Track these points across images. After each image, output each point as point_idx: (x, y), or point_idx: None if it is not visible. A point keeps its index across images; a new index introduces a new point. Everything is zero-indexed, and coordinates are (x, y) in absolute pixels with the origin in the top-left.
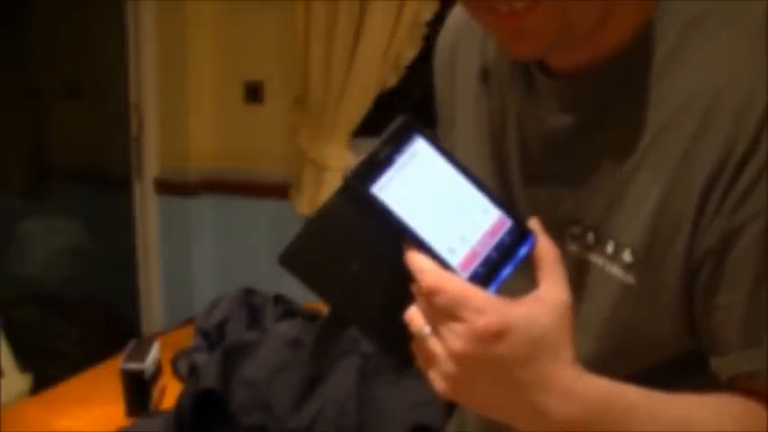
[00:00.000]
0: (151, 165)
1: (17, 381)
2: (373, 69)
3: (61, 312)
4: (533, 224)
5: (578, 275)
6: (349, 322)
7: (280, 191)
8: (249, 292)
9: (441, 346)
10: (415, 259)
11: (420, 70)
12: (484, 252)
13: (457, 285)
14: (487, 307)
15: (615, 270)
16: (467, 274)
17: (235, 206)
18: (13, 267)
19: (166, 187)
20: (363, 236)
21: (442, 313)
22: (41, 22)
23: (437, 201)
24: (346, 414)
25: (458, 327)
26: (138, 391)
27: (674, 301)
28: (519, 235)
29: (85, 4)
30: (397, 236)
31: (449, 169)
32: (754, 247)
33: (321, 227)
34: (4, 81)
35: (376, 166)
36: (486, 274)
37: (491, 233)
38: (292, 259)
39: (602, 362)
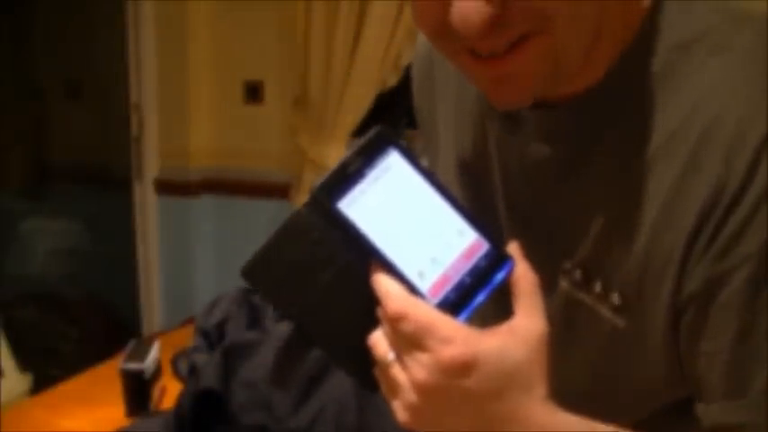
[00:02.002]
0: (151, 165)
1: (17, 381)
2: (373, 69)
3: (61, 312)
4: (512, 249)
5: (568, 313)
6: (313, 342)
7: (280, 191)
8: (249, 292)
9: (404, 376)
10: (382, 282)
11: None
12: (457, 276)
13: (424, 312)
14: (455, 337)
15: (604, 311)
16: (436, 299)
17: (235, 206)
18: (14, 267)
19: (166, 187)
20: (330, 252)
21: (408, 341)
22: (42, 23)
23: (409, 220)
24: (346, 414)
25: (423, 357)
26: (138, 391)
27: (663, 346)
28: (496, 260)
29: (85, 4)
30: (366, 254)
31: (424, 186)
32: (739, 294)
33: (286, 240)
34: (5, 81)
35: (345, 179)
36: (457, 301)
37: (466, 256)
38: (255, 273)
39: (590, 404)
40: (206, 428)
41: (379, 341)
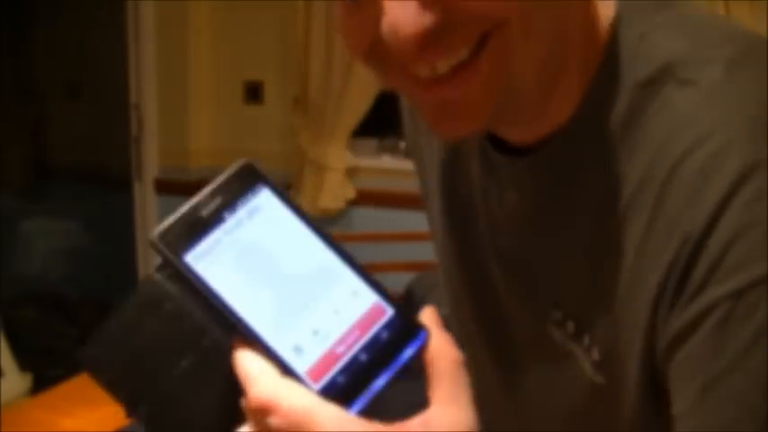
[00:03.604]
0: (151, 165)
1: (17, 381)
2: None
3: (61, 312)
4: (426, 317)
5: (556, 365)
6: None
7: None
8: None
9: None
10: (244, 362)
11: None
12: (348, 353)
13: (299, 402)
14: None
15: (587, 367)
16: (319, 384)
17: None
18: (13, 267)
19: (166, 187)
20: (190, 329)
21: None
22: (42, 23)
23: (282, 277)
24: None
25: None
26: None
27: (641, 409)
28: (403, 330)
29: (85, 4)
30: (228, 326)
31: (304, 233)
32: (702, 347)
33: (135, 315)
34: (5, 81)
35: (195, 225)
36: (348, 386)
37: (361, 326)
38: (97, 359)
39: None
40: None
41: None
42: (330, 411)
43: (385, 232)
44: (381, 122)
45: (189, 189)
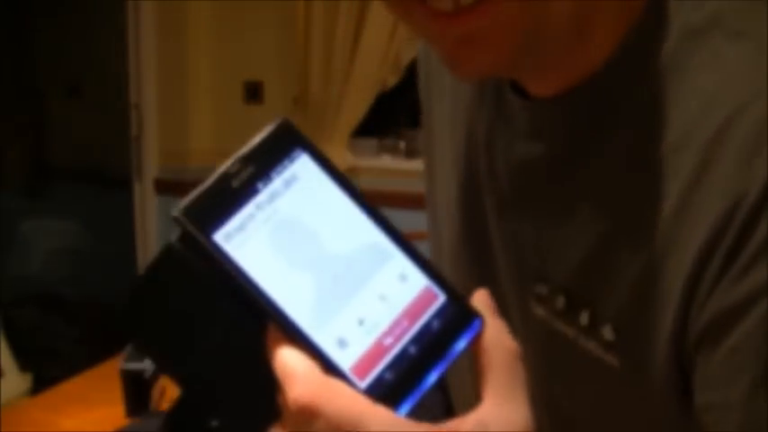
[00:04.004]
0: (151, 165)
1: (17, 381)
2: (373, 69)
3: (61, 312)
4: (479, 301)
5: (546, 348)
6: (207, 414)
7: None
8: None
9: None
10: (282, 357)
11: None
12: (396, 346)
13: (346, 407)
14: None
15: (592, 346)
16: (365, 382)
17: None
18: (13, 267)
19: (166, 187)
20: (210, 301)
21: None
22: (42, 23)
23: (324, 261)
24: None
25: None
26: (138, 391)
27: (667, 396)
28: (457, 319)
29: (86, 4)
30: (258, 313)
31: (349, 208)
32: (756, 334)
33: (163, 277)
34: (5, 81)
35: (224, 198)
36: (396, 383)
37: (410, 314)
38: (131, 322)
39: None
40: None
41: None
42: (380, 416)
43: None
44: (381, 122)
45: (189, 189)
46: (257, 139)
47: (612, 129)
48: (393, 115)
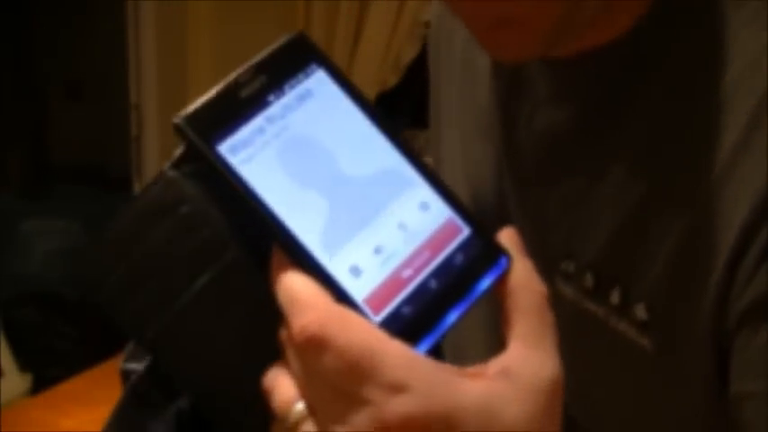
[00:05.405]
0: (151, 165)
1: (17, 381)
2: (373, 69)
3: (61, 312)
4: (507, 238)
5: (573, 330)
6: (179, 382)
7: None
8: None
9: None
10: (288, 282)
11: (420, 70)
12: (416, 278)
13: (358, 338)
14: (413, 381)
15: (624, 327)
16: (380, 315)
17: None
18: (13, 267)
19: None
20: (209, 239)
21: (331, 385)
22: (42, 23)
23: (338, 183)
24: None
25: (357, 415)
26: None
27: (703, 381)
28: (482, 255)
29: (85, 4)
30: (264, 238)
31: (367, 128)
32: None
33: (135, 216)
34: (5, 81)
35: (232, 109)
36: (415, 319)
37: (432, 246)
38: (92, 280)
39: None
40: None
41: (279, 383)
42: (396, 350)
43: None
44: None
45: None
46: (271, 48)
47: (649, 86)
48: (393, 115)
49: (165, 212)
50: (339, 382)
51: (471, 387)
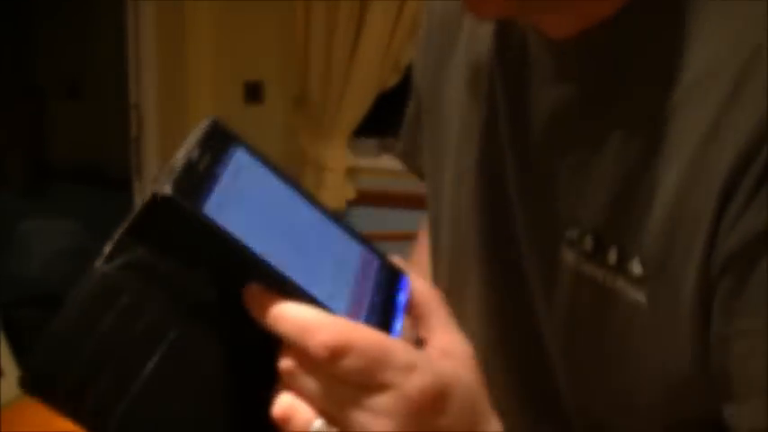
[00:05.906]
0: (151, 165)
1: (17, 381)
2: (373, 69)
3: None
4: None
5: (574, 294)
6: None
7: None
8: None
9: None
10: (290, 312)
11: None
12: (367, 296)
13: (372, 337)
14: (417, 363)
15: (621, 285)
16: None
17: None
18: (13, 267)
19: None
20: (147, 320)
21: (353, 384)
22: (42, 23)
23: (290, 230)
24: None
25: (382, 398)
26: None
27: (692, 330)
28: (392, 276)
29: (86, 4)
30: (234, 288)
31: (288, 191)
32: None
33: (79, 312)
34: (5, 81)
35: (199, 178)
36: (379, 328)
37: (364, 273)
38: (44, 378)
39: (603, 409)
40: None
41: (294, 408)
42: (396, 341)
43: (385, 232)
44: (381, 122)
45: None
46: (198, 132)
47: (638, 65)
48: (393, 115)
49: (107, 306)
50: (361, 378)
51: (445, 362)
